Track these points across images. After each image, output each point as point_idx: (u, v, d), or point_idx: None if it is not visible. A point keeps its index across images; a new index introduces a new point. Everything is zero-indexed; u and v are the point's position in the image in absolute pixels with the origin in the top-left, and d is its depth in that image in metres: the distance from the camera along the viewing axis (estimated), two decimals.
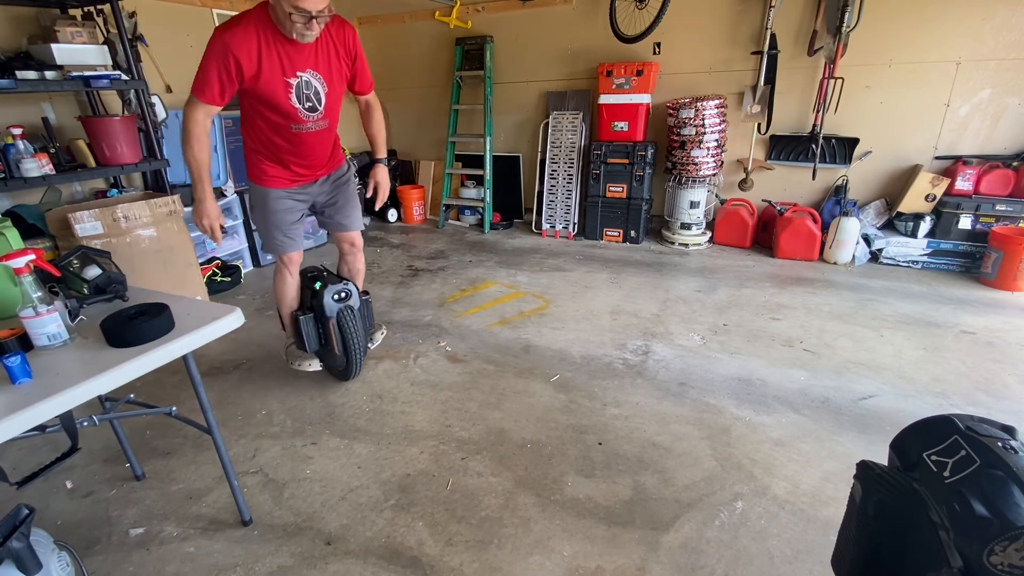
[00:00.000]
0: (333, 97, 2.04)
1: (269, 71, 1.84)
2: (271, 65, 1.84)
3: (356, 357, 2.38)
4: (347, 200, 2.38)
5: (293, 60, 1.88)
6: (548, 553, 1.62)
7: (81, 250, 1.64)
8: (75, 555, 1.39)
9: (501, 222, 5.33)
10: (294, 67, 1.89)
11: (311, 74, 1.93)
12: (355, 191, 2.42)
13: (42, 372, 1.18)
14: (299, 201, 2.25)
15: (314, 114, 2.00)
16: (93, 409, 1.97)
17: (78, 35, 3.04)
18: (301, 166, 2.16)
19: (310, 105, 1.98)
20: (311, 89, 1.95)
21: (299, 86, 1.92)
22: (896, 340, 2.84)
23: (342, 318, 2.30)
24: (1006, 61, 3.60)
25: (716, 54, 4.39)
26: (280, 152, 2.09)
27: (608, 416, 2.26)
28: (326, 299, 2.27)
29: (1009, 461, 0.81)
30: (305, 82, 1.93)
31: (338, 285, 2.31)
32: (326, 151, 2.21)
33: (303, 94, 1.94)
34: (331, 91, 2.02)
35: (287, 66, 1.87)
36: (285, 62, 1.87)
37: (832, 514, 1.71)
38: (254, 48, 1.81)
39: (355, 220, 2.43)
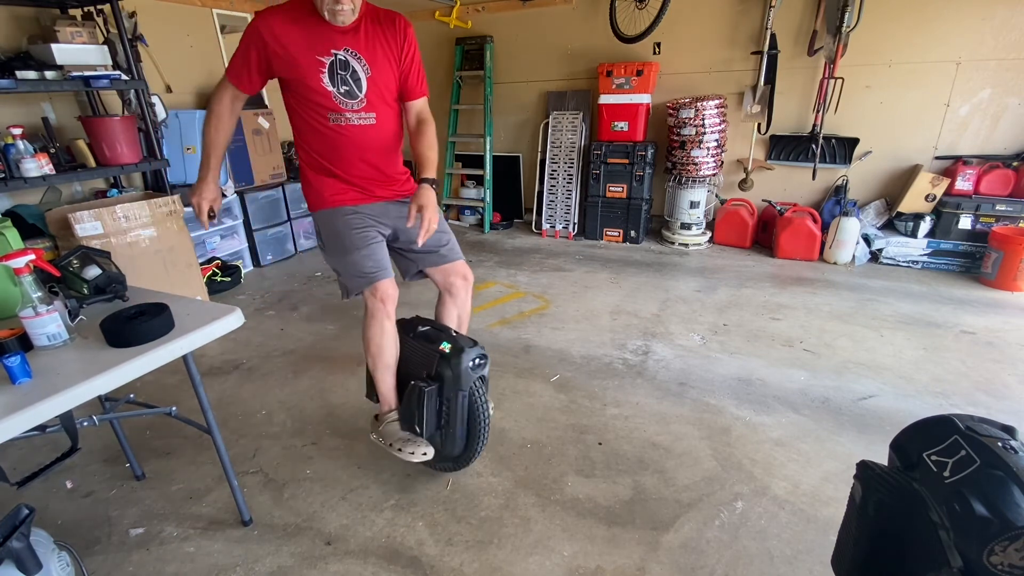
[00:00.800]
0: (378, 85, 1.70)
1: (299, 47, 1.61)
2: (302, 41, 1.61)
3: (482, 440, 1.81)
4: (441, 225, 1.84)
5: (327, 38, 1.62)
6: (548, 553, 1.62)
7: (81, 250, 1.64)
8: (75, 555, 1.39)
9: (501, 222, 5.33)
10: (327, 45, 1.62)
11: (349, 52, 1.64)
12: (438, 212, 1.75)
13: (42, 372, 1.18)
14: (376, 222, 1.80)
15: (353, 101, 1.68)
16: (93, 409, 1.97)
17: (78, 35, 3.04)
18: (354, 176, 1.78)
19: (347, 89, 1.66)
20: (348, 70, 1.65)
21: (333, 65, 1.63)
22: (896, 340, 2.84)
23: (475, 392, 1.75)
24: (1006, 61, 3.60)
25: (716, 54, 4.39)
26: (323, 158, 1.76)
27: (608, 416, 2.26)
28: (463, 366, 1.70)
29: (1009, 461, 0.81)
30: (341, 61, 1.63)
31: (474, 349, 1.74)
32: (379, 166, 1.79)
33: (338, 75, 1.64)
34: (375, 76, 1.68)
35: (320, 43, 1.62)
36: (317, 39, 1.62)
37: (832, 514, 1.71)
38: (287, 27, 1.60)
39: (453, 249, 1.92)
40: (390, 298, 1.75)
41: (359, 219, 1.77)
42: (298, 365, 2.76)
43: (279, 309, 3.48)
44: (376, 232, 1.79)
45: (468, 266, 1.96)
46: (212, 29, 4.25)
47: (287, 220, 4.46)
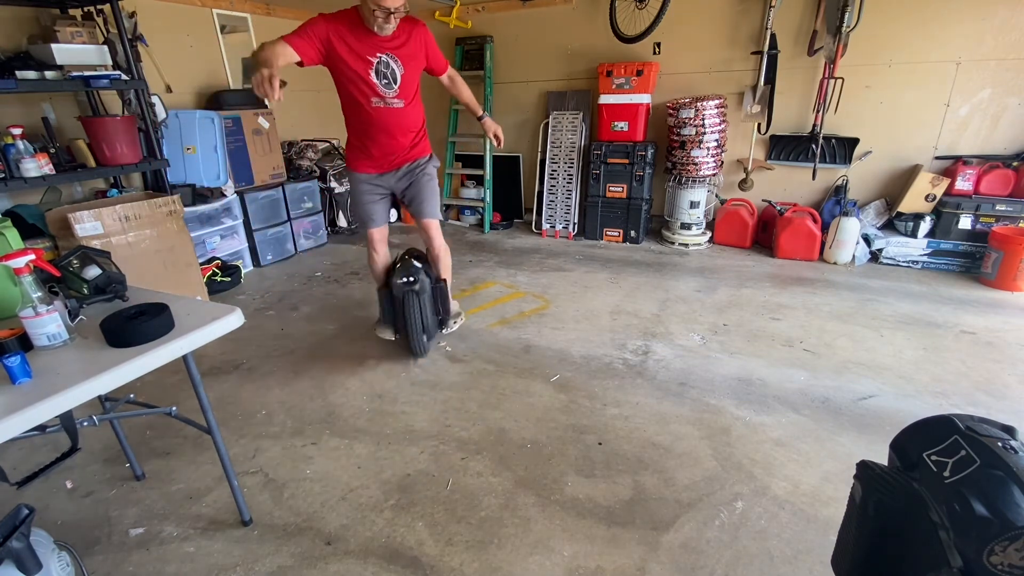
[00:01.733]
0: (408, 78, 2.40)
1: (355, 50, 2.26)
2: (357, 45, 2.26)
3: (416, 337, 2.62)
4: (423, 188, 2.62)
5: (375, 44, 2.29)
6: (548, 553, 1.62)
7: (81, 250, 1.64)
8: (75, 555, 1.39)
9: (501, 222, 5.33)
10: (375, 49, 2.30)
11: (389, 56, 2.33)
12: (432, 181, 2.64)
13: (42, 372, 1.18)
14: (377, 186, 2.61)
15: (390, 91, 2.37)
16: (93, 409, 1.97)
17: (78, 35, 3.04)
18: (379, 150, 2.50)
19: (386, 82, 2.35)
20: (388, 68, 2.34)
21: (378, 64, 2.32)
22: (896, 340, 2.84)
23: (406, 300, 2.56)
24: (1006, 61, 3.60)
25: (716, 54, 4.39)
26: (363, 135, 2.47)
27: (608, 416, 2.26)
28: (394, 280, 2.58)
29: (1009, 461, 0.81)
30: (384, 62, 2.33)
31: (408, 270, 2.56)
32: (405, 139, 2.51)
33: (381, 71, 2.33)
34: (407, 72, 2.39)
35: (369, 47, 2.29)
36: (368, 45, 2.28)
37: (832, 514, 1.71)
38: (346, 31, 2.24)
39: (429, 207, 2.64)
40: (373, 239, 2.66)
41: (364, 187, 2.60)
42: (298, 365, 2.76)
43: (279, 309, 3.48)
44: (376, 197, 2.62)
45: (434, 223, 2.67)
46: (212, 29, 4.25)
47: (287, 220, 4.46)
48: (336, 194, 4.98)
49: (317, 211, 4.75)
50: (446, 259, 2.75)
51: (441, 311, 2.79)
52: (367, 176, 2.57)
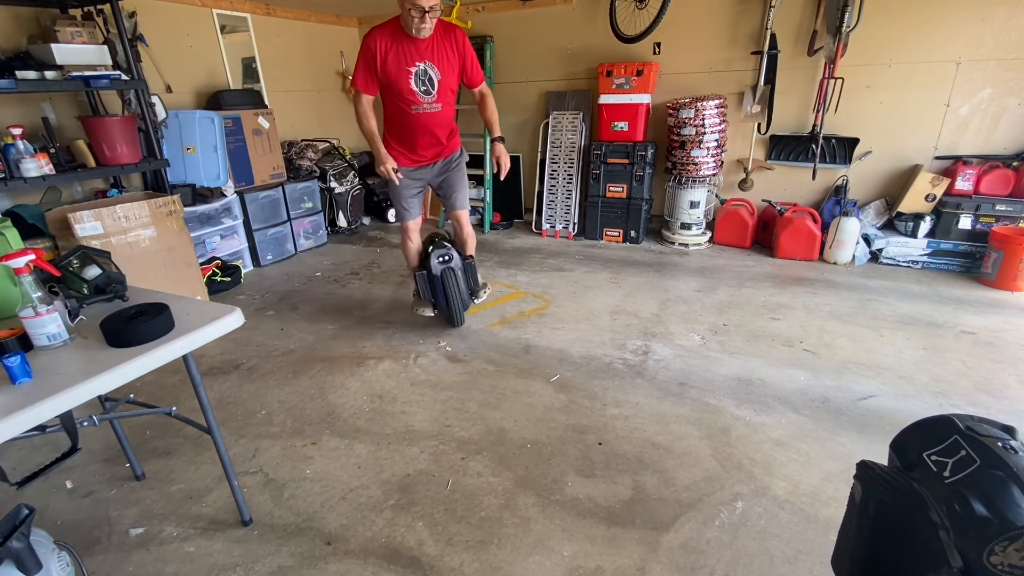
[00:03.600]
0: (445, 84, 2.55)
1: (395, 60, 2.44)
2: (398, 56, 2.44)
3: (456, 308, 2.92)
4: (455, 182, 2.87)
5: (413, 53, 2.45)
6: (548, 553, 1.62)
7: (81, 250, 1.64)
8: (75, 555, 1.39)
9: (501, 222, 5.33)
10: (414, 59, 2.46)
11: (427, 64, 2.48)
12: (463, 175, 2.91)
13: (42, 372, 1.18)
14: (415, 180, 2.80)
15: (428, 97, 2.54)
16: (93, 409, 1.98)
17: (78, 35, 3.04)
18: (418, 147, 2.71)
19: (425, 89, 2.52)
20: (427, 76, 2.50)
21: (417, 73, 2.48)
22: (896, 340, 2.84)
23: (445, 276, 2.82)
24: (1006, 61, 3.60)
25: (716, 54, 4.39)
26: (403, 134, 2.67)
27: (608, 416, 2.26)
28: (432, 261, 2.80)
29: (1009, 461, 0.81)
30: (422, 70, 2.49)
31: (442, 250, 2.82)
32: (440, 137, 2.72)
33: (420, 79, 2.49)
34: (444, 79, 2.54)
35: (409, 57, 2.45)
36: (408, 54, 2.44)
37: (832, 514, 1.71)
38: (387, 43, 2.42)
39: (460, 200, 2.91)
40: (411, 229, 2.90)
41: (408, 179, 2.77)
42: (298, 365, 2.76)
43: (279, 309, 3.48)
44: (414, 190, 2.83)
45: (464, 213, 2.96)
46: (212, 29, 4.25)
47: (287, 220, 4.46)
48: (336, 194, 4.98)
49: (317, 211, 4.75)
50: (472, 241, 3.02)
51: (472, 284, 3.05)
52: (407, 170, 2.74)
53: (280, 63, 4.83)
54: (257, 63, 4.66)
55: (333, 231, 5.12)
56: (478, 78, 2.69)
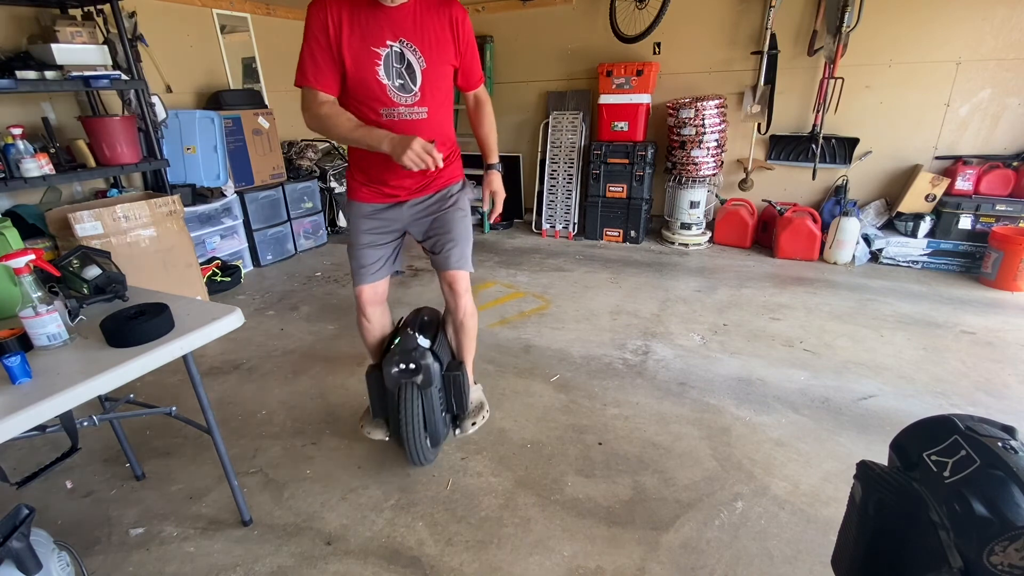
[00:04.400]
0: (431, 76, 1.62)
1: (354, 37, 1.54)
2: (358, 31, 1.54)
3: (414, 442, 1.84)
4: (448, 228, 1.83)
5: (383, 27, 1.55)
6: (548, 553, 1.62)
7: (81, 250, 1.64)
8: (75, 555, 1.39)
9: (501, 222, 5.33)
10: (383, 35, 1.55)
11: (404, 44, 1.57)
12: (465, 219, 1.87)
13: (42, 372, 1.18)
14: (383, 221, 1.82)
15: (407, 95, 1.62)
16: (93, 409, 1.97)
17: (78, 35, 3.03)
18: (388, 175, 1.75)
19: (401, 83, 1.60)
20: (403, 63, 1.59)
21: (388, 57, 1.57)
22: (896, 340, 2.84)
23: (401, 395, 1.81)
24: (1006, 61, 3.60)
25: (716, 54, 4.39)
26: (367, 153, 1.69)
27: (608, 416, 2.26)
28: (386, 368, 1.80)
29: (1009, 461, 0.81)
30: (396, 53, 1.57)
31: (408, 349, 1.80)
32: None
33: (392, 68, 1.59)
34: (430, 70, 1.61)
35: (376, 33, 1.55)
36: (374, 29, 1.55)
37: (832, 514, 1.71)
38: (342, 11, 1.53)
39: (455, 256, 1.83)
40: (366, 300, 1.87)
41: (366, 223, 1.81)
42: (298, 365, 2.76)
43: (279, 309, 3.48)
44: (380, 234, 1.83)
45: (462, 277, 1.85)
46: (212, 29, 4.25)
47: (287, 220, 4.46)
48: (336, 194, 4.98)
49: (317, 211, 4.75)
50: (472, 327, 1.97)
51: (455, 406, 2.00)
52: (371, 208, 1.81)
53: (280, 63, 4.83)
54: (257, 63, 4.66)
55: (333, 231, 5.12)
56: (476, 76, 1.80)
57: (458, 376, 1.96)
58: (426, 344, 1.86)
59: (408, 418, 1.81)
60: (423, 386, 1.81)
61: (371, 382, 1.93)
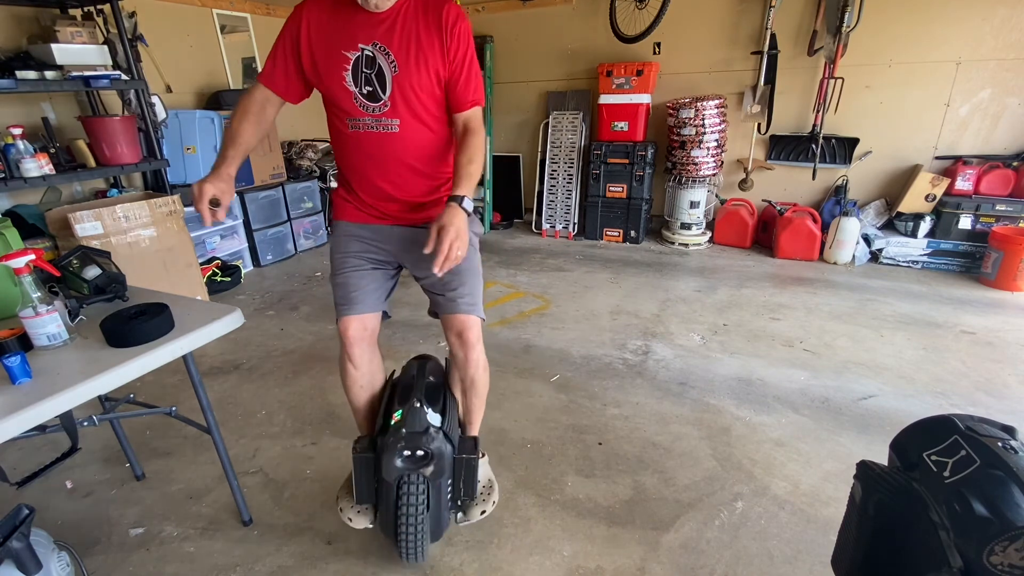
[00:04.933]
0: (405, 85, 1.38)
1: (327, 39, 1.40)
2: (331, 32, 1.40)
3: (409, 543, 1.47)
4: None
5: (357, 30, 1.38)
6: (548, 553, 1.62)
7: (81, 250, 1.64)
8: (75, 555, 1.39)
9: (501, 222, 5.33)
10: (356, 38, 1.38)
11: (377, 47, 1.37)
12: (472, 254, 1.55)
13: (42, 372, 1.18)
14: (369, 245, 1.57)
15: (375, 104, 1.40)
16: (93, 409, 1.97)
17: (78, 35, 3.03)
18: (365, 191, 1.53)
19: (370, 90, 1.39)
20: (373, 68, 1.38)
21: (357, 61, 1.38)
22: (896, 340, 2.84)
23: (404, 488, 1.43)
24: (1006, 61, 3.61)
25: (716, 54, 4.39)
26: (343, 166, 1.55)
27: (608, 416, 2.26)
28: (387, 456, 1.41)
29: (1009, 461, 0.81)
30: (368, 57, 1.38)
31: (419, 437, 1.41)
32: (406, 180, 1.49)
33: (361, 73, 1.39)
34: (402, 76, 1.38)
35: (348, 36, 1.38)
36: (347, 31, 1.38)
37: (832, 514, 1.71)
38: (320, 14, 1.40)
39: (464, 298, 1.51)
40: (351, 340, 1.52)
41: (350, 244, 1.56)
42: (298, 365, 2.76)
43: (279, 309, 3.48)
44: (366, 258, 1.56)
45: (473, 324, 1.52)
46: (212, 29, 4.25)
47: (287, 220, 4.46)
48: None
49: (317, 211, 4.75)
50: (483, 384, 1.64)
51: (463, 491, 1.57)
52: (356, 228, 1.58)
53: None
54: (257, 63, 4.66)
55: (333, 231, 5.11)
56: (468, 96, 1.44)
57: (472, 460, 1.53)
58: (437, 422, 1.48)
59: (411, 517, 1.44)
60: (433, 477, 1.44)
61: (360, 463, 1.48)
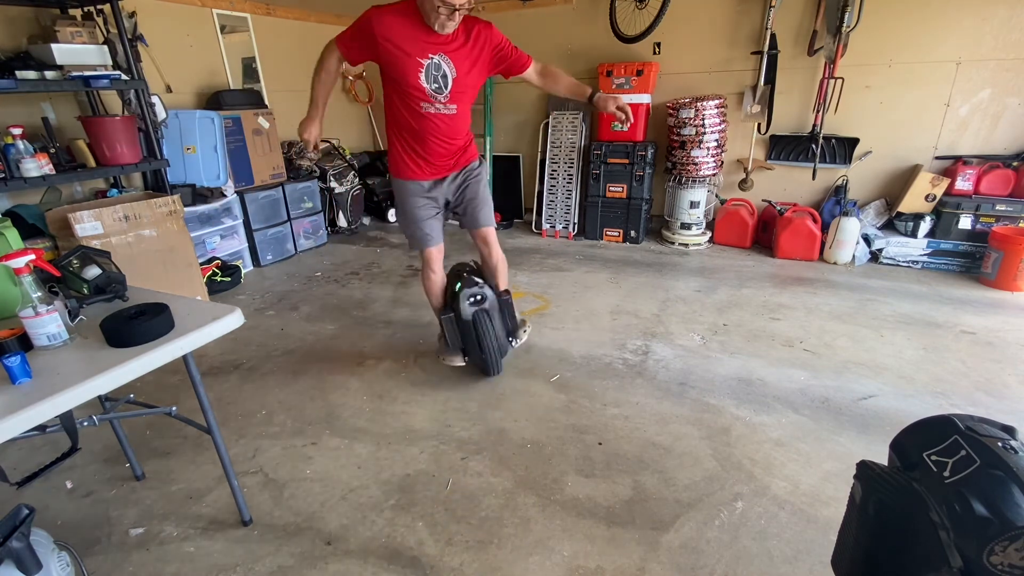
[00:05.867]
0: (461, 84, 2.17)
1: (404, 49, 2.06)
2: (408, 45, 2.06)
3: (492, 356, 2.45)
4: (475, 196, 2.43)
5: (427, 44, 2.08)
6: (548, 553, 1.62)
7: (81, 250, 1.64)
8: (75, 555, 1.39)
9: (501, 222, 5.33)
10: (426, 50, 2.08)
11: (441, 57, 2.12)
12: (485, 188, 2.47)
13: (42, 372, 1.18)
14: (430, 198, 2.38)
15: (440, 95, 2.16)
16: (93, 409, 1.97)
17: (78, 35, 3.04)
18: (430, 155, 2.29)
19: (436, 87, 2.14)
20: (440, 72, 2.13)
21: (429, 67, 2.10)
22: (896, 340, 2.84)
23: (477, 321, 2.37)
24: (1006, 61, 3.60)
25: (716, 54, 4.39)
26: (412, 139, 2.26)
27: (608, 416, 2.26)
28: (462, 304, 2.36)
29: (1009, 461, 0.81)
30: (435, 64, 2.11)
31: (473, 288, 2.38)
32: (454, 144, 2.31)
33: (431, 75, 2.12)
34: (459, 78, 2.16)
35: (421, 48, 2.08)
36: (420, 44, 2.07)
37: (832, 514, 1.71)
38: (396, 29, 2.04)
39: (484, 216, 2.46)
40: (433, 259, 2.43)
41: (418, 200, 2.35)
42: (298, 365, 2.76)
43: (279, 309, 3.48)
44: (432, 208, 2.39)
45: (491, 231, 2.49)
46: (212, 29, 4.25)
47: (287, 220, 4.46)
48: (336, 194, 4.98)
49: (317, 211, 4.75)
50: (504, 269, 2.56)
51: (510, 323, 2.56)
52: (418, 185, 2.34)
53: (280, 63, 4.83)
54: (257, 63, 4.66)
55: (333, 231, 5.12)
56: (523, 61, 2.28)
57: (508, 299, 2.53)
58: (480, 281, 2.43)
59: (490, 338, 2.40)
60: (490, 310, 2.40)
61: (447, 323, 2.45)
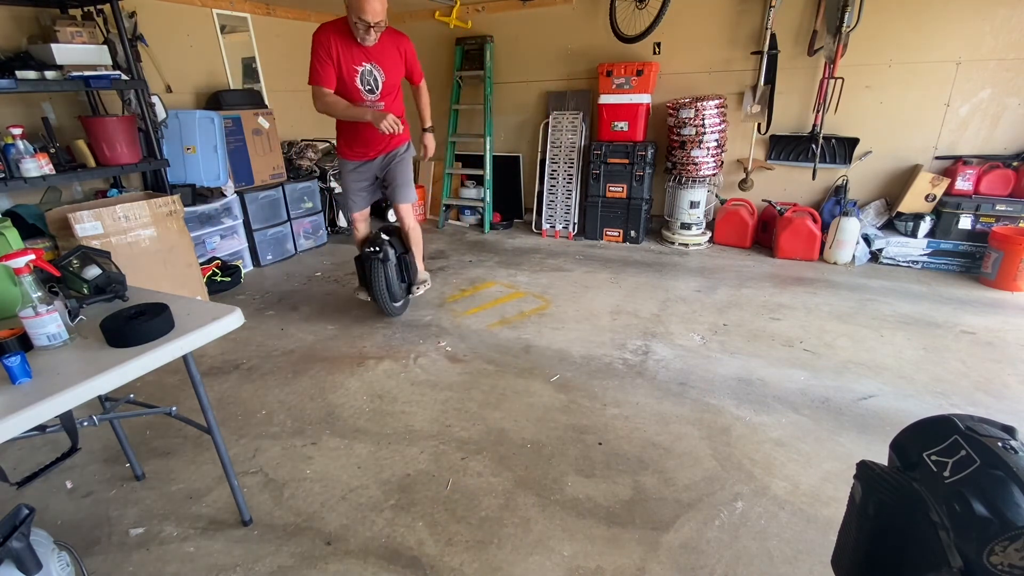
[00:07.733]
0: (388, 85, 2.75)
1: (345, 58, 2.60)
2: (346, 54, 2.60)
3: (382, 298, 3.02)
4: (397, 175, 2.97)
5: (359, 53, 2.63)
6: (548, 553, 1.62)
7: (81, 250, 1.64)
8: (75, 555, 1.39)
9: (501, 222, 5.33)
10: (360, 59, 2.63)
11: (373, 65, 2.68)
12: (406, 169, 3.00)
13: (42, 372, 1.18)
14: (361, 174, 2.98)
15: (372, 95, 2.74)
16: (93, 409, 1.98)
17: (78, 35, 3.04)
18: (361, 144, 2.87)
19: (369, 88, 2.71)
20: (372, 76, 2.70)
21: (363, 72, 2.67)
22: (896, 340, 2.84)
23: (366, 261, 2.97)
24: (1006, 61, 3.60)
25: (716, 54, 4.39)
26: (349, 130, 2.84)
27: (608, 416, 2.26)
28: (363, 250, 3.00)
29: (1009, 461, 0.81)
30: (368, 70, 2.67)
31: (376, 241, 2.97)
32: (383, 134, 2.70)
33: (366, 79, 2.68)
34: (387, 80, 2.74)
35: (356, 57, 2.62)
36: (355, 54, 2.62)
37: (832, 514, 1.71)
38: (338, 41, 2.57)
39: (401, 194, 3.00)
40: (356, 220, 3.10)
41: (351, 175, 2.98)
42: (298, 365, 2.76)
43: (279, 309, 3.48)
44: (361, 183, 3.00)
45: (406, 207, 3.05)
46: (212, 29, 4.25)
47: (287, 220, 4.46)
48: (336, 194, 4.98)
49: (317, 211, 4.75)
50: (416, 236, 3.16)
51: (407, 277, 3.20)
52: (354, 164, 2.94)
53: (280, 63, 4.83)
54: (257, 63, 4.66)
55: (333, 231, 5.12)
56: (419, 76, 2.95)
57: (406, 257, 3.15)
58: (386, 239, 3.03)
59: (377, 280, 2.97)
60: (384, 260, 2.95)
61: (358, 263, 3.13)
